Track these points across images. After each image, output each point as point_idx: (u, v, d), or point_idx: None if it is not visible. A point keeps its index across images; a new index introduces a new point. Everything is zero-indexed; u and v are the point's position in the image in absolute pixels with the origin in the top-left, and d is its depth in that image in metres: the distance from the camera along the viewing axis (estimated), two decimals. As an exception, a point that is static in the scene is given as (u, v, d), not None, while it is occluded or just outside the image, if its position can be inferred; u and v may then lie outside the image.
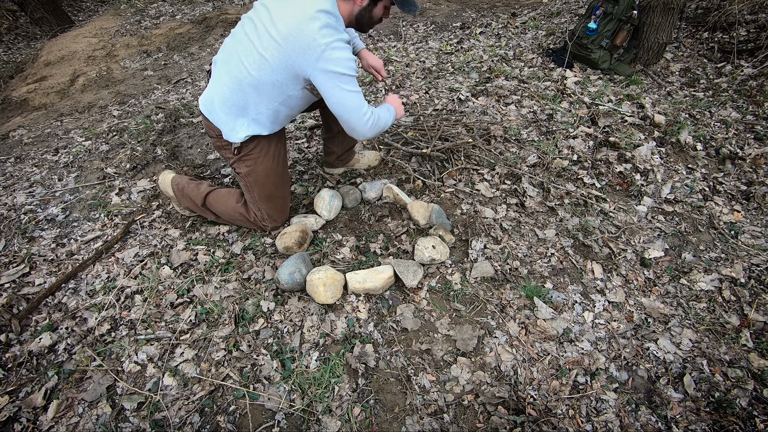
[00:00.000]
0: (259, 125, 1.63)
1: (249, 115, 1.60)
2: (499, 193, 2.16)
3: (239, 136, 1.63)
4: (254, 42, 1.47)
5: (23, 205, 2.29)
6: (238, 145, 1.68)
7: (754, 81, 3.05)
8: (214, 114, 1.64)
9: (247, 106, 1.58)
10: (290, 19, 1.40)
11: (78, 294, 1.79)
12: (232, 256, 1.90)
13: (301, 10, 1.39)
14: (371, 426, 1.36)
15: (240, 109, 1.59)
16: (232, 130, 1.63)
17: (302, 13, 1.38)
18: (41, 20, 5.67)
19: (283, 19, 1.41)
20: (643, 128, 2.59)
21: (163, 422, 1.37)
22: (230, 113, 1.60)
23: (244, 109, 1.59)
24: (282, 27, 1.40)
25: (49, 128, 3.27)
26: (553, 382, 1.47)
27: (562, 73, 3.19)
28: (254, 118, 1.61)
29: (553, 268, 1.84)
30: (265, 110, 1.59)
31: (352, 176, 2.30)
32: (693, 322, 1.70)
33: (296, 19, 1.39)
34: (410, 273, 1.70)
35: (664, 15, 2.99)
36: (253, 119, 1.61)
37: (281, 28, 1.41)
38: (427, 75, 3.37)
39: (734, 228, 2.10)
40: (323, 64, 1.40)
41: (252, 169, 1.74)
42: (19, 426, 1.37)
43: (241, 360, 1.53)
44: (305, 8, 1.39)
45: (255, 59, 1.47)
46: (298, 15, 1.39)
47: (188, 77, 3.92)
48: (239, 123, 1.62)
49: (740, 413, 1.41)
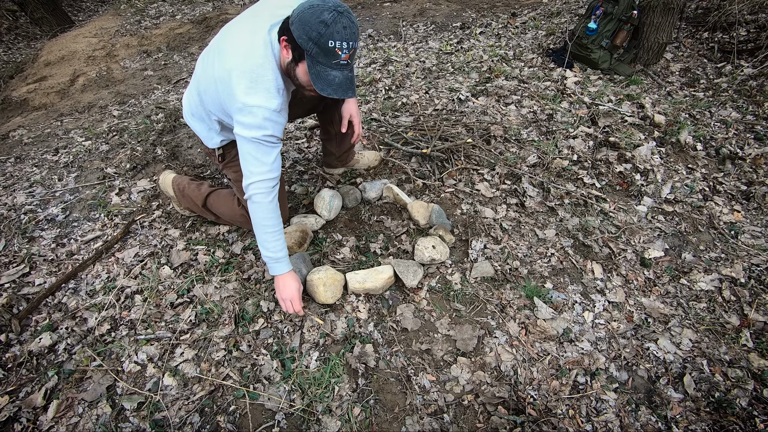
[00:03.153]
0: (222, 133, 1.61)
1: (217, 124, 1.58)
2: (499, 193, 2.16)
3: (215, 141, 1.64)
4: (212, 61, 1.38)
5: (23, 205, 2.29)
6: (221, 152, 1.68)
7: (754, 81, 3.05)
8: (191, 122, 1.67)
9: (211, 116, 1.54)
10: (229, 58, 1.29)
11: (78, 294, 1.79)
12: (232, 256, 1.90)
13: (243, 57, 1.26)
14: (371, 426, 1.36)
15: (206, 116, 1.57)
16: (208, 137, 1.64)
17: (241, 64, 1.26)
18: (41, 20, 5.67)
19: (225, 56, 1.31)
20: (643, 128, 2.59)
21: (163, 422, 1.37)
22: (202, 120, 1.61)
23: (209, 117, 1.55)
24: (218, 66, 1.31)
25: (49, 128, 3.26)
26: (553, 382, 1.47)
27: (562, 73, 3.19)
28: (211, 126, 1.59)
29: (553, 268, 1.84)
30: (215, 119, 1.52)
31: (352, 176, 2.30)
32: (693, 322, 1.70)
33: (231, 65, 1.27)
34: (410, 273, 1.70)
35: (664, 15, 2.99)
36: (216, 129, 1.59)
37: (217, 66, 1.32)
38: (427, 75, 3.37)
39: (734, 228, 2.10)
40: (238, 118, 1.29)
41: (239, 175, 1.72)
42: (19, 426, 1.37)
43: (241, 360, 1.53)
44: (247, 59, 1.26)
45: (206, 78, 1.41)
46: (236, 60, 1.27)
47: (188, 77, 3.92)
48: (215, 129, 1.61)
49: (740, 413, 1.41)
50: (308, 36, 1.15)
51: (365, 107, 2.97)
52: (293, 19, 1.17)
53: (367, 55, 3.86)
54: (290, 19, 1.19)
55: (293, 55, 1.24)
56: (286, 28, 1.22)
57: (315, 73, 1.21)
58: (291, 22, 1.18)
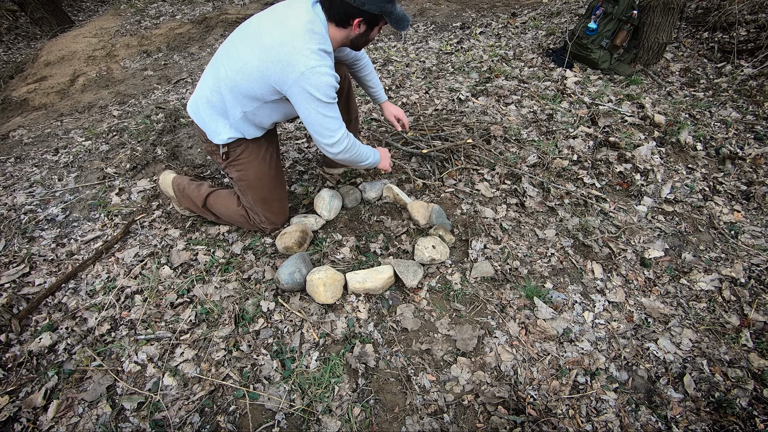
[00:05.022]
0: (238, 129, 1.63)
1: (229, 118, 1.60)
2: (499, 193, 2.16)
3: (222, 138, 1.64)
4: (238, 47, 1.49)
5: (23, 205, 2.29)
6: (226, 150, 1.68)
7: (754, 81, 3.05)
8: (198, 116, 1.66)
9: (227, 110, 1.58)
10: (276, 31, 1.39)
11: (78, 294, 1.79)
12: (232, 256, 1.90)
13: (290, 24, 1.39)
14: (371, 426, 1.36)
15: (221, 111, 1.60)
16: (215, 132, 1.64)
17: (290, 29, 1.38)
18: (41, 20, 5.67)
19: (270, 30, 1.41)
20: (643, 128, 2.59)
21: (163, 422, 1.37)
22: (212, 114, 1.61)
23: (224, 112, 1.59)
24: (267, 38, 1.40)
25: (49, 128, 3.27)
26: (553, 382, 1.47)
27: (562, 73, 3.19)
28: (232, 122, 1.61)
29: (553, 268, 1.84)
30: (240, 114, 1.58)
31: (352, 176, 2.30)
32: (693, 322, 1.70)
33: (282, 33, 1.38)
34: (410, 273, 1.70)
35: (664, 15, 2.99)
36: (232, 123, 1.61)
37: (266, 38, 1.40)
38: (427, 75, 3.37)
39: (734, 228, 2.10)
40: (302, 84, 1.38)
41: (243, 174, 1.74)
42: (19, 426, 1.37)
43: (241, 360, 1.53)
44: (295, 24, 1.39)
45: (235, 63, 1.48)
46: (286, 29, 1.38)
47: (188, 77, 3.92)
48: (221, 125, 1.62)
49: (740, 413, 1.41)
50: (382, 0, 1.40)
51: (365, 107, 2.97)
52: (364, 0, 1.38)
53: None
54: (358, 1, 1.39)
55: (366, 26, 1.48)
56: (351, 13, 1.42)
57: (396, 20, 1.47)
58: (362, 2, 1.39)
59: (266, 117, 1.61)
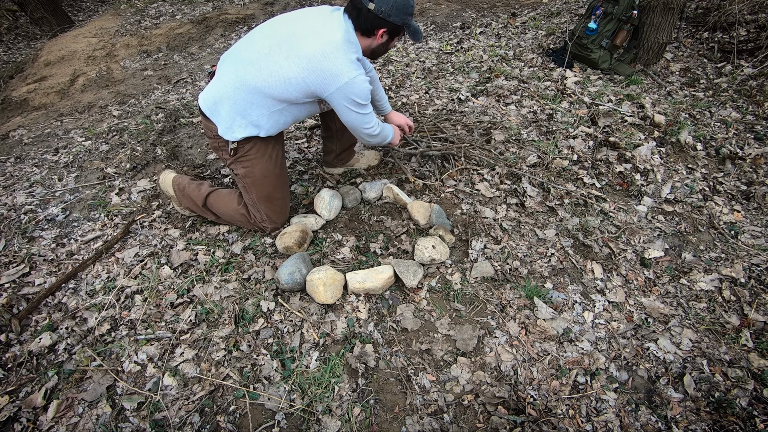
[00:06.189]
0: (258, 128, 1.64)
1: (249, 117, 1.61)
2: (499, 193, 2.16)
3: (236, 136, 1.64)
4: (272, 51, 1.51)
5: (23, 205, 2.29)
6: (235, 146, 1.68)
7: (754, 81, 3.05)
8: (214, 111, 1.64)
9: (249, 109, 1.59)
10: (316, 42, 1.46)
11: (78, 294, 1.79)
12: (232, 256, 1.90)
13: (330, 36, 1.47)
14: (371, 426, 1.36)
15: (241, 109, 1.60)
16: (229, 129, 1.64)
17: (331, 41, 1.46)
18: (41, 20, 5.67)
19: (308, 40, 1.47)
20: (643, 128, 2.59)
21: (163, 422, 1.37)
22: (230, 112, 1.61)
23: (245, 111, 1.60)
24: (307, 48, 1.46)
25: (49, 128, 3.27)
26: (553, 382, 1.47)
27: (562, 73, 3.19)
28: (254, 120, 1.62)
29: (553, 268, 1.84)
30: (267, 114, 1.61)
31: (352, 176, 2.30)
32: (693, 322, 1.70)
33: (323, 45, 1.45)
34: (410, 273, 1.70)
35: (664, 15, 2.99)
36: (253, 122, 1.62)
37: (305, 48, 1.46)
38: (427, 75, 3.37)
39: (734, 228, 2.10)
40: (345, 92, 1.51)
41: (249, 171, 1.74)
42: (19, 426, 1.38)
43: (241, 360, 1.53)
44: (335, 36, 1.47)
45: (268, 66, 1.51)
46: (327, 41, 1.46)
47: (188, 77, 3.92)
48: (237, 122, 1.62)
49: (740, 413, 1.41)
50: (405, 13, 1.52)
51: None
52: (389, 11, 1.49)
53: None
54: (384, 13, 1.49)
55: (389, 36, 1.59)
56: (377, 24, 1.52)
57: (413, 32, 1.60)
58: (388, 14, 1.49)
59: (291, 116, 1.69)
